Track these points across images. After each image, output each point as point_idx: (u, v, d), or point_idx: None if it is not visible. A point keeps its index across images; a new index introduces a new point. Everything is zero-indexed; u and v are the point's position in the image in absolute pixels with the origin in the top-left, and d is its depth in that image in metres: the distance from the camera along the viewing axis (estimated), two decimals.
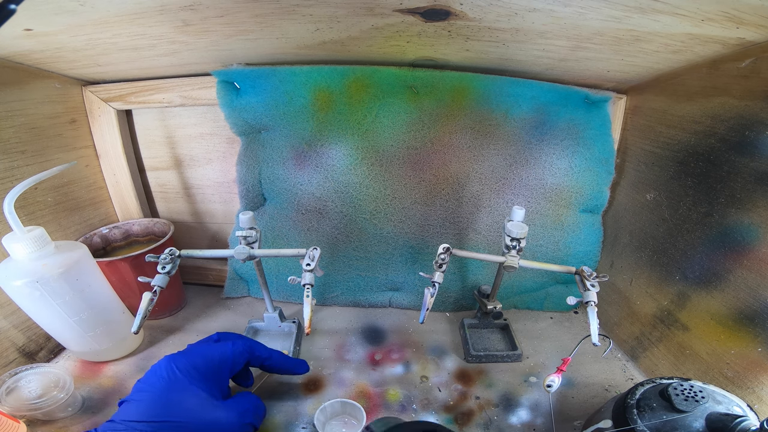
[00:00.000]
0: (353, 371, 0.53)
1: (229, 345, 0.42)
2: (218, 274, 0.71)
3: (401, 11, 0.39)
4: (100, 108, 0.61)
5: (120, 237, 0.65)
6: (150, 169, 0.68)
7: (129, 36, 0.44)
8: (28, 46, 0.45)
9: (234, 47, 0.49)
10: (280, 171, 0.60)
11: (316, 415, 0.44)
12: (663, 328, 0.51)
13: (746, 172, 0.41)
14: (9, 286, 0.43)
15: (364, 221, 0.62)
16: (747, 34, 0.38)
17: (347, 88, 0.55)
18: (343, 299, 0.66)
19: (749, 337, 0.41)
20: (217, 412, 0.37)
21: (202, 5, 0.38)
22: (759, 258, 0.40)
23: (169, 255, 0.46)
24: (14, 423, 0.40)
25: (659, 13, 0.36)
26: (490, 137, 0.58)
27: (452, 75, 0.55)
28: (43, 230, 0.44)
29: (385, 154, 0.59)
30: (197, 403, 0.37)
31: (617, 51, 0.45)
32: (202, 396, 0.37)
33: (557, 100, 0.57)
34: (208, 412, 0.37)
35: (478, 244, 0.63)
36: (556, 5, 0.36)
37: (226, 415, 0.38)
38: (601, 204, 0.62)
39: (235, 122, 0.58)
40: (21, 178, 0.44)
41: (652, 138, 0.54)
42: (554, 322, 0.64)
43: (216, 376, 0.40)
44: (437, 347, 0.58)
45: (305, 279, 0.45)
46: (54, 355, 0.55)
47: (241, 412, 0.39)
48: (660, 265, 0.52)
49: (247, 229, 0.48)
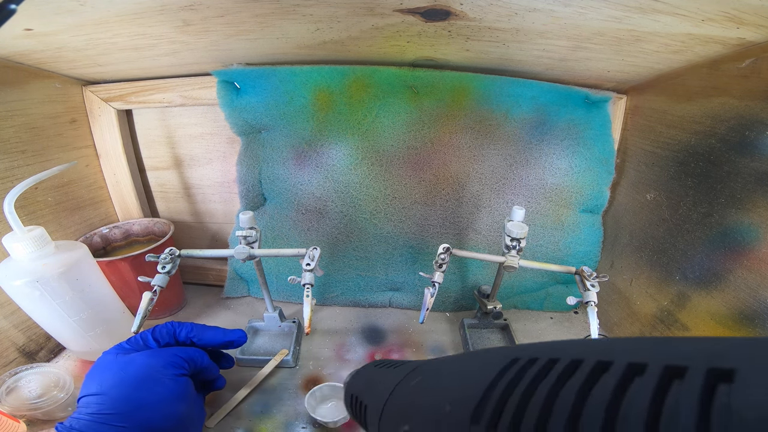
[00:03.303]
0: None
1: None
2: (218, 274, 0.71)
3: (401, 11, 0.39)
4: (101, 108, 0.61)
5: (120, 237, 0.65)
6: (150, 169, 0.68)
7: (129, 36, 0.44)
8: (29, 45, 0.45)
9: (234, 47, 0.49)
10: (280, 171, 0.60)
11: (306, 398, 0.45)
12: (663, 329, 0.51)
13: (746, 173, 0.41)
14: (9, 285, 0.43)
15: (364, 221, 0.62)
16: (747, 34, 0.38)
17: (347, 88, 0.55)
18: (343, 299, 0.66)
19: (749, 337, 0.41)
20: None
21: (202, 5, 0.38)
22: (759, 258, 0.40)
23: (169, 255, 0.46)
24: (14, 423, 0.40)
25: (659, 13, 0.36)
26: (491, 137, 0.58)
27: (452, 75, 0.55)
28: (43, 230, 0.44)
29: (385, 154, 0.59)
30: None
31: (617, 51, 0.45)
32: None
33: (557, 100, 0.57)
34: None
35: (478, 244, 0.63)
36: (556, 5, 0.36)
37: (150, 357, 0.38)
38: (601, 204, 0.62)
39: (235, 122, 0.58)
40: (21, 178, 0.44)
41: (653, 138, 0.54)
42: (554, 322, 0.64)
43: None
44: (437, 347, 0.58)
45: (305, 279, 0.45)
46: (54, 355, 0.55)
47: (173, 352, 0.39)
48: (660, 265, 0.52)
49: (247, 229, 0.48)
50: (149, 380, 0.35)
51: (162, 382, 0.36)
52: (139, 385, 0.35)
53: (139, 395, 0.34)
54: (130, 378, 0.35)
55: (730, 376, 0.10)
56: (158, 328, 0.41)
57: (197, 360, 0.41)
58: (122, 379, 0.35)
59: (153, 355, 0.38)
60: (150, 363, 0.37)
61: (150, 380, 0.35)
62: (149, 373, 0.36)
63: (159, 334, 0.41)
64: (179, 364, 0.38)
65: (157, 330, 0.41)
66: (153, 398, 0.35)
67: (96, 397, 0.34)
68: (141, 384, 0.35)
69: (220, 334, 0.44)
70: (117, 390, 0.34)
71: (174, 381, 0.37)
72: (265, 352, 0.55)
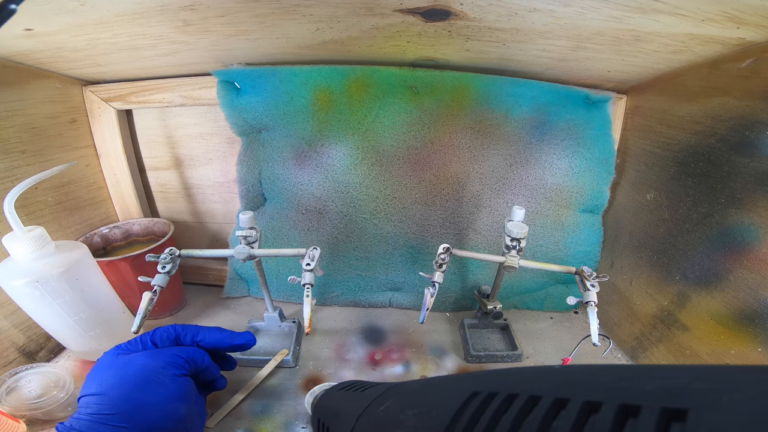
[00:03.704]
0: (353, 371, 0.53)
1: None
2: (218, 273, 0.71)
3: (401, 11, 0.39)
4: (101, 108, 0.61)
5: (120, 237, 0.65)
6: (150, 168, 0.68)
7: (129, 36, 0.44)
8: (29, 45, 0.45)
9: (234, 47, 0.49)
10: (280, 171, 0.60)
11: (306, 398, 0.46)
12: (663, 329, 0.51)
13: (746, 173, 0.41)
14: (9, 285, 0.43)
15: (364, 221, 0.62)
16: (747, 34, 0.38)
17: (347, 88, 0.55)
18: (343, 299, 0.66)
19: (749, 337, 0.41)
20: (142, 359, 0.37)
21: (202, 5, 0.38)
22: (759, 258, 0.40)
23: (169, 255, 0.46)
24: (14, 423, 0.40)
25: (659, 13, 0.36)
26: (491, 137, 0.58)
27: (452, 75, 0.55)
28: (43, 230, 0.44)
29: (385, 154, 0.59)
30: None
31: (617, 51, 0.45)
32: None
33: (557, 100, 0.57)
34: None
35: (478, 244, 0.63)
36: (556, 5, 0.36)
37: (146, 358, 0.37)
38: (601, 204, 0.62)
39: (235, 122, 0.58)
40: (21, 178, 0.44)
41: (653, 138, 0.54)
42: (554, 322, 0.64)
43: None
44: (437, 347, 0.58)
45: (305, 279, 0.45)
46: (54, 355, 0.55)
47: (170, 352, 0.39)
48: (660, 265, 0.52)
49: (247, 229, 0.48)
50: (150, 380, 0.35)
51: (162, 383, 0.36)
52: (140, 386, 0.35)
53: (139, 395, 0.34)
54: (130, 378, 0.35)
55: (683, 416, 0.10)
56: (158, 332, 0.41)
57: (198, 360, 0.41)
58: (122, 379, 0.35)
59: (153, 355, 0.38)
60: (150, 363, 0.37)
61: (150, 380, 0.35)
62: (149, 374, 0.36)
63: (159, 338, 0.40)
64: (180, 365, 0.38)
65: (157, 334, 0.41)
66: (153, 398, 0.35)
67: (96, 397, 0.34)
68: (141, 384, 0.35)
69: (228, 337, 0.43)
70: (117, 390, 0.34)
71: (174, 381, 0.37)
72: (265, 352, 0.55)
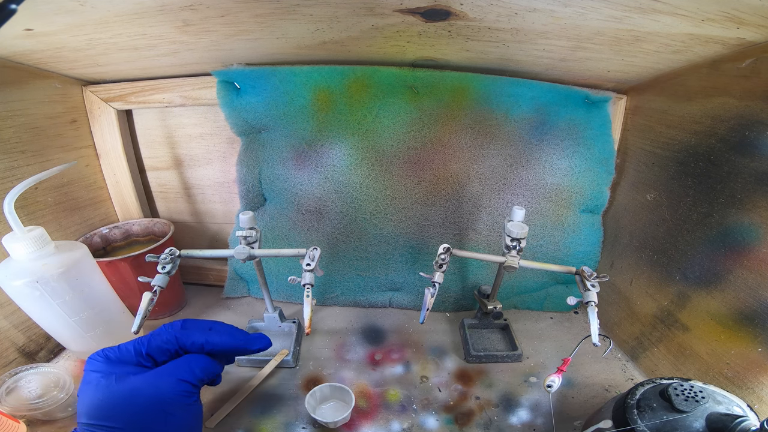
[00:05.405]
0: (353, 371, 0.53)
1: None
2: (218, 274, 0.71)
3: (401, 11, 0.39)
4: (101, 108, 0.61)
5: (120, 237, 0.65)
6: (150, 169, 0.68)
7: (129, 36, 0.44)
8: (29, 45, 0.45)
9: (234, 47, 0.49)
10: (280, 171, 0.60)
11: (307, 399, 0.46)
12: (663, 329, 0.51)
13: (746, 173, 0.41)
14: (9, 286, 0.43)
15: (364, 221, 0.62)
16: (747, 35, 0.38)
17: (347, 88, 0.55)
18: (343, 299, 0.66)
19: (749, 337, 0.41)
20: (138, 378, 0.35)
21: (202, 5, 0.38)
22: (759, 258, 0.40)
23: (169, 255, 0.46)
24: (14, 423, 0.40)
25: (659, 13, 0.36)
26: (491, 137, 0.58)
27: (452, 75, 0.55)
28: (43, 230, 0.44)
29: (385, 154, 0.59)
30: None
31: (617, 51, 0.45)
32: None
33: (557, 100, 0.57)
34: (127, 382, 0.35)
35: (478, 244, 0.63)
36: (556, 5, 0.36)
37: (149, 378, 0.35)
38: (601, 204, 0.62)
39: (235, 122, 0.58)
40: (21, 178, 0.44)
41: (653, 138, 0.54)
42: (554, 323, 0.64)
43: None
44: (437, 347, 0.58)
45: (305, 279, 0.45)
46: (54, 355, 0.55)
47: (171, 371, 0.36)
48: (660, 265, 0.52)
49: (247, 229, 0.48)
50: (161, 412, 0.35)
51: (174, 414, 0.35)
52: (151, 420, 0.34)
53: (152, 428, 0.34)
54: (140, 411, 0.34)
55: None
56: (155, 342, 0.38)
57: (210, 373, 0.39)
58: (132, 413, 0.34)
59: (159, 379, 0.36)
60: (159, 394, 0.35)
61: (161, 412, 0.35)
62: (161, 406, 0.35)
63: (157, 351, 0.37)
64: (189, 391, 0.37)
65: (153, 346, 0.37)
66: (166, 430, 0.34)
67: (105, 429, 0.33)
68: (152, 418, 0.34)
69: (242, 342, 0.41)
70: (126, 421, 0.33)
71: (186, 411, 0.36)
72: (266, 353, 0.55)
